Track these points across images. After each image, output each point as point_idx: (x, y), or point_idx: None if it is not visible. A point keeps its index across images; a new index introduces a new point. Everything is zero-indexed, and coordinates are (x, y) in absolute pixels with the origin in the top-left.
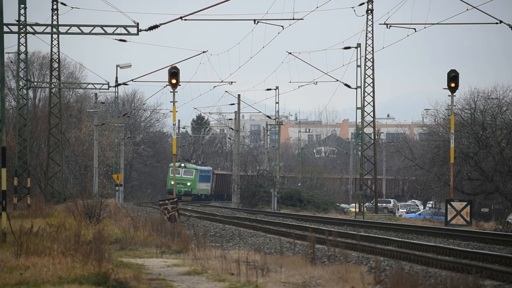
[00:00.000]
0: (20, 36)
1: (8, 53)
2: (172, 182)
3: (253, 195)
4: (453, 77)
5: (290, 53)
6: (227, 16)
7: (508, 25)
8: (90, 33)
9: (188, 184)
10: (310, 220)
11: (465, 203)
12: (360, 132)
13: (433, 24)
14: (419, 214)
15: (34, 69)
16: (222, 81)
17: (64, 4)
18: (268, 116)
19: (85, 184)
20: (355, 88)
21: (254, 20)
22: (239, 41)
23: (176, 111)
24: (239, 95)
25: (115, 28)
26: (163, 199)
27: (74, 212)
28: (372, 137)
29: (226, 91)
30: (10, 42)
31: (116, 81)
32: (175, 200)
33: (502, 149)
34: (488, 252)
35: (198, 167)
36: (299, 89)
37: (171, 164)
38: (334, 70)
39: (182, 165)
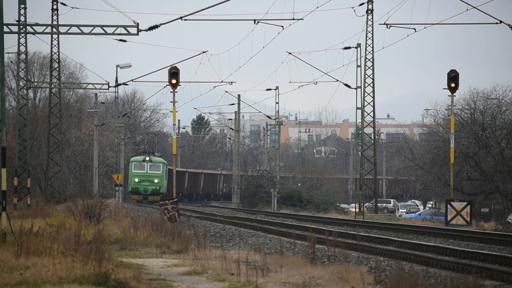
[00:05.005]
0: (20, 36)
1: (8, 53)
2: (136, 180)
3: (253, 195)
4: (453, 77)
5: (290, 53)
6: (227, 16)
7: (508, 25)
8: (90, 33)
9: (156, 181)
10: (310, 220)
11: (465, 203)
12: (360, 132)
13: (433, 24)
14: (419, 214)
15: (35, 69)
16: (222, 81)
17: (64, 4)
18: (268, 116)
19: (85, 184)
20: (355, 88)
21: (254, 20)
22: (239, 41)
23: (176, 111)
24: (239, 95)
25: (115, 28)
26: (163, 199)
27: (74, 212)
28: (372, 137)
29: (226, 91)
30: (10, 42)
31: (116, 81)
32: (175, 200)
33: (502, 149)
34: (488, 252)
35: (165, 161)
36: (299, 89)
37: (133, 159)
38: (334, 70)
39: (147, 158)
